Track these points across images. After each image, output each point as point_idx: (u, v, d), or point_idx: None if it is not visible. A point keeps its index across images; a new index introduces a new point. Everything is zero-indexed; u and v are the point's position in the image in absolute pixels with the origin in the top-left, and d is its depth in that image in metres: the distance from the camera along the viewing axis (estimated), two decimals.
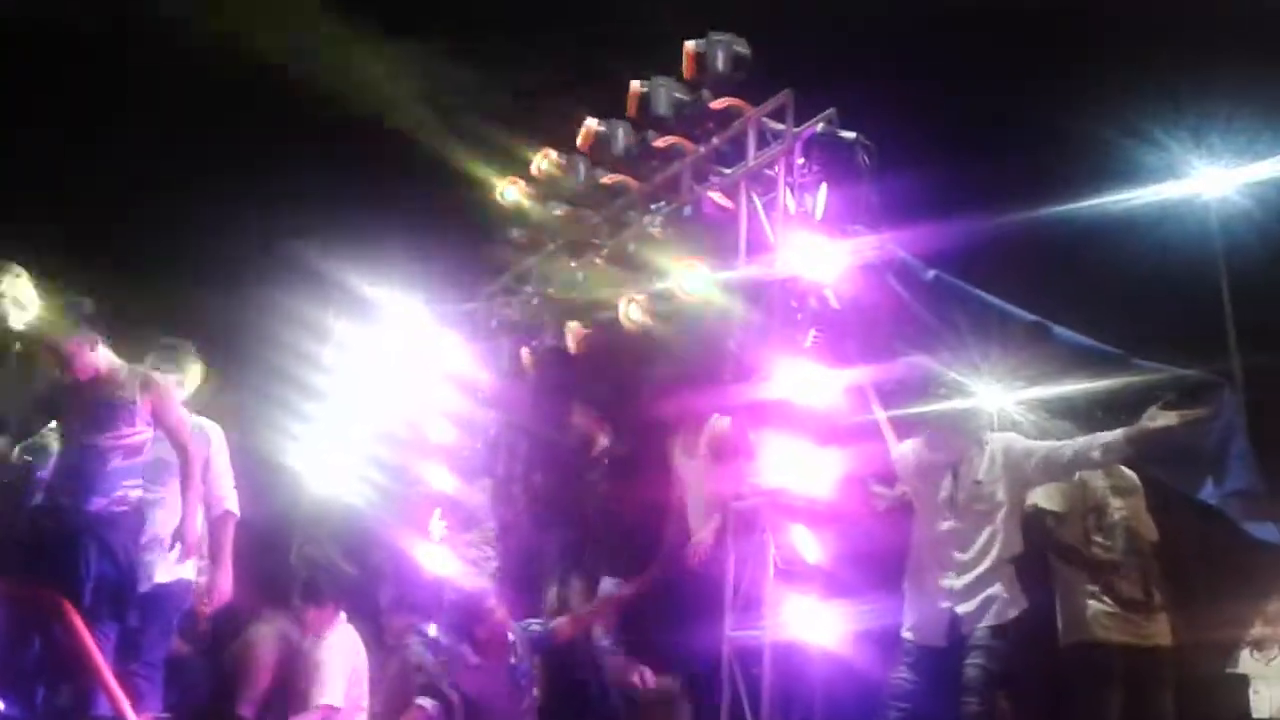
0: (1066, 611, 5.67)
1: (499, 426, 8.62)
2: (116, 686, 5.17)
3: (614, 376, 7.45)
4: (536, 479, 8.12)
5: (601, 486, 7.12)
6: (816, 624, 5.66)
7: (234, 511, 6.00)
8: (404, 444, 8.72)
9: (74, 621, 5.15)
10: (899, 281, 6.12)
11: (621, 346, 7.37)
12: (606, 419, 7.38)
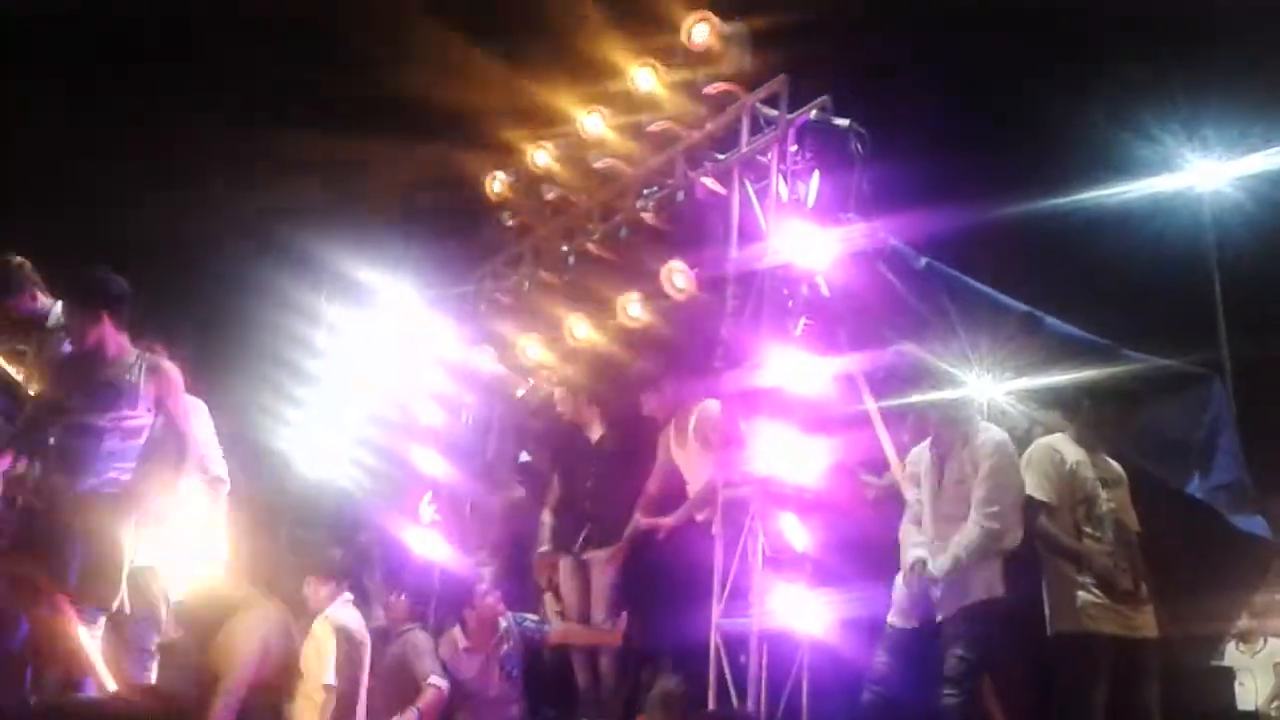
0: (1055, 601, 5.67)
1: (489, 411, 8.62)
2: (104, 670, 5.17)
3: (606, 365, 7.44)
4: (526, 464, 8.13)
5: (594, 472, 7.12)
6: (804, 612, 5.67)
7: (224, 478, 6.00)
8: (395, 428, 8.71)
9: (61, 606, 5.14)
10: (890, 270, 6.12)
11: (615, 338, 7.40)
12: (599, 406, 7.37)
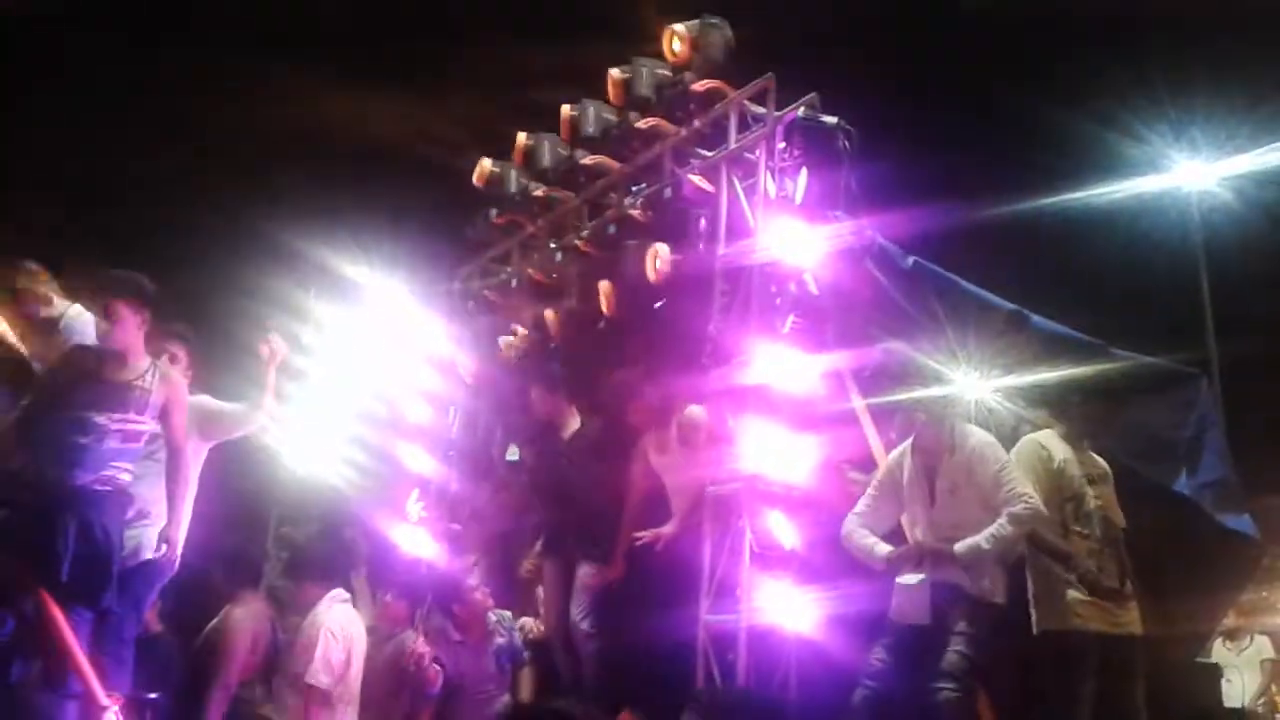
0: (1042, 599, 5.66)
1: (476, 407, 8.60)
2: (88, 666, 5.14)
3: (587, 361, 7.42)
4: (514, 462, 8.10)
5: (575, 469, 7.10)
6: (792, 609, 5.67)
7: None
8: (382, 424, 8.68)
9: (46, 600, 5.11)
10: (878, 268, 6.12)
11: (596, 333, 7.38)
12: (577, 402, 7.34)
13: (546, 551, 7.15)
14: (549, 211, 7.94)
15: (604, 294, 7.07)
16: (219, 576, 6.79)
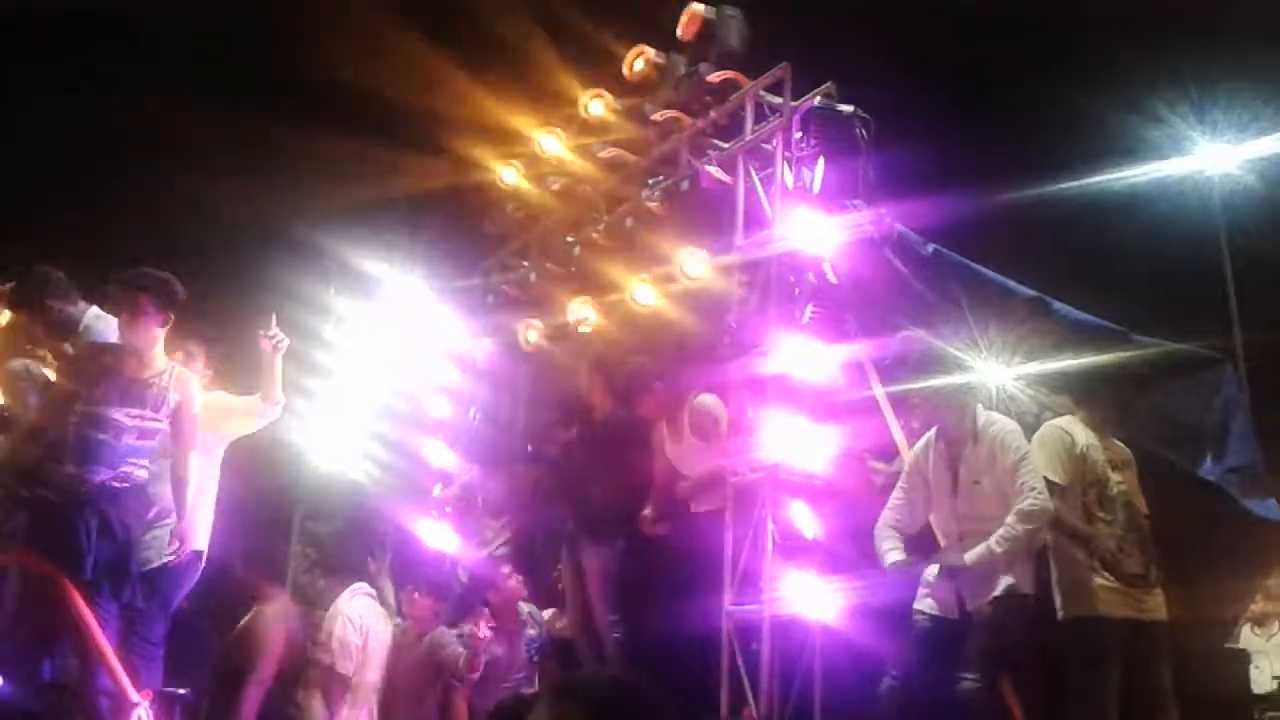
0: (1066, 585, 5.63)
1: (497, 400, 8.63)
2: (116, 662, 5.19)
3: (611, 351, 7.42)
4: (537, 451, 8.12)
5: (588, 458, 7.11)
6: (815, 599, 5.66)
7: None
8: (404, 419, 8.72)
9: (73, 597, 5.16)
10: (897, 256, 6.10)
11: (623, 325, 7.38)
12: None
13: (564, 542, 7.16)
14: (566, 205, 7.94)
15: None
16: (246, 574, 6.87)
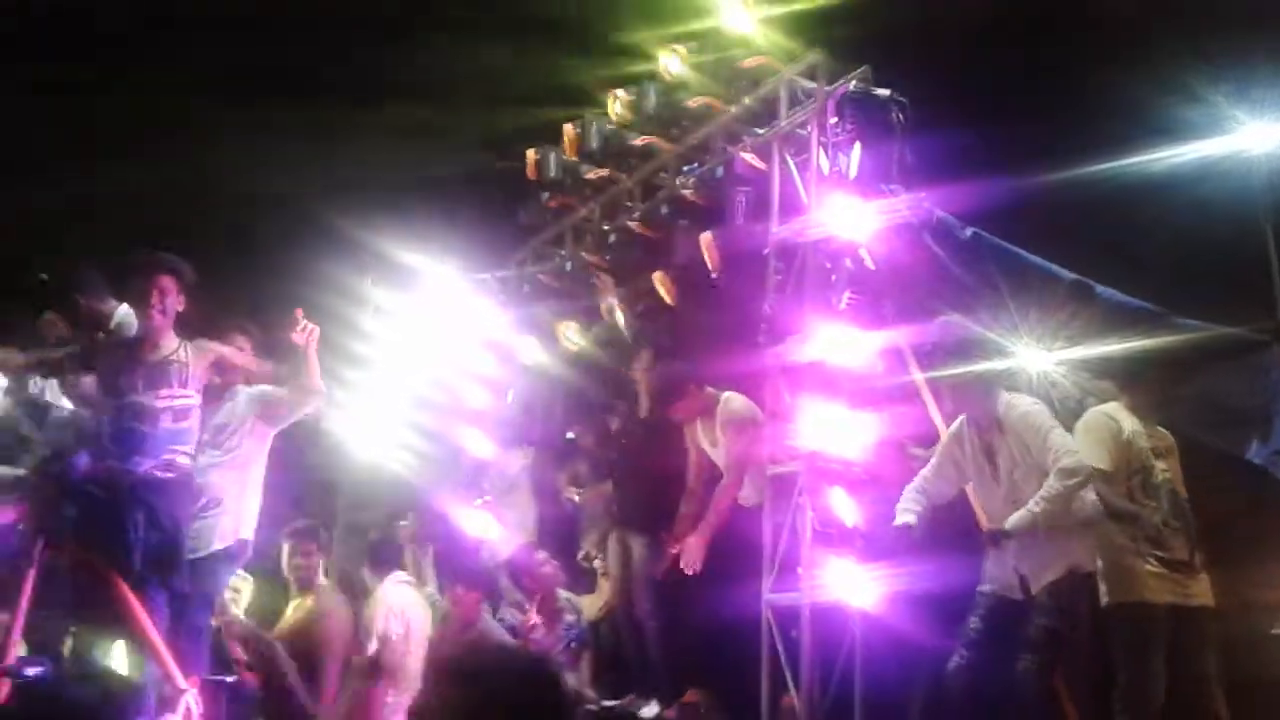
0: (1113, 571, 5.62)
1: (535, 389, 8.65)
2: (165, 650, 5.26)
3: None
4: (572, 441, 8.15)
5: (633, 447, 7.13)
6: (855, 586, 5.65)
7: None
8: (442, 410, 8.76)
9: (123, 590, 5.23)
10: (935, 241, 6.05)
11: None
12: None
13: (614, 526, 7.18)
14: (601, 194, 7.94)
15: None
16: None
